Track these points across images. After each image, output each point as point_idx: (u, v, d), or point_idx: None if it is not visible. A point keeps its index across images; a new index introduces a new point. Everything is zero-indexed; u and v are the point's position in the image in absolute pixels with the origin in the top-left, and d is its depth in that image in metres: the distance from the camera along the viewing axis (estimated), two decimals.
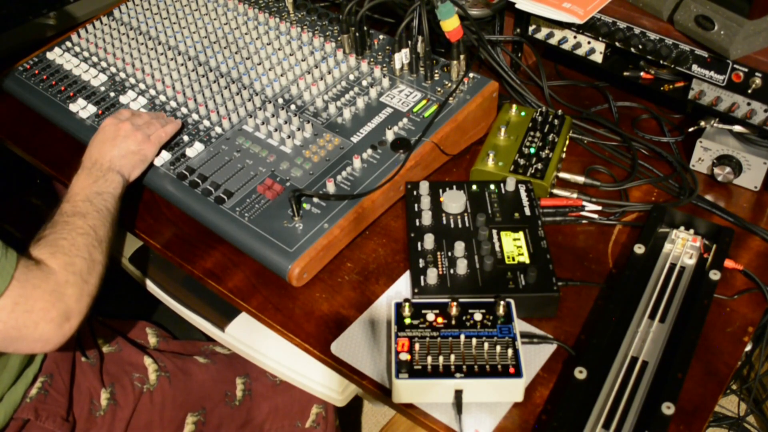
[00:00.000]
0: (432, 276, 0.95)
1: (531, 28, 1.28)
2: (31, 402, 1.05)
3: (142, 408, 1.14)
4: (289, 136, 1.13)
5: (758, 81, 1.05)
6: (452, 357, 0.85)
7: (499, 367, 0.84)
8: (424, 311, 0.90)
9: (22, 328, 0.88)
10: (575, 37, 1.24)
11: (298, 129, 1.14)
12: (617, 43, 1.18)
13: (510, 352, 0.86)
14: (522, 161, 1.13)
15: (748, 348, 0.94)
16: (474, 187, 1.09)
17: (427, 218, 1.03)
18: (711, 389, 0.89)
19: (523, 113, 1.21)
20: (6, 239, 0.90)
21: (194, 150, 1.14)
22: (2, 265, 0.87)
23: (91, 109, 1.24)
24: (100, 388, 1.12)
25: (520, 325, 0.94)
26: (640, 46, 1.15)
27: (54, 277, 0.91)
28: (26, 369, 1.06)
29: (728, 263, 1.00)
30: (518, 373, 0.84)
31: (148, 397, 1.14)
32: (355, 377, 0.91)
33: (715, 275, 0.96)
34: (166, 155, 1.14)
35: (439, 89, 1.20)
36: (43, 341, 0.90)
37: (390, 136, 1.12)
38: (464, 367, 0.84)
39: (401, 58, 1.21)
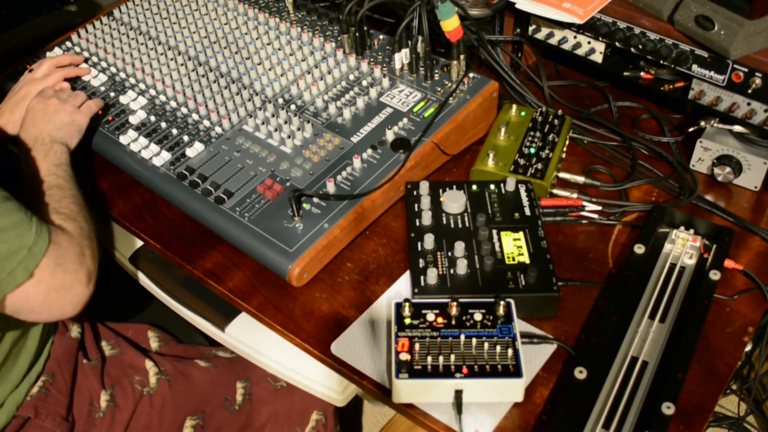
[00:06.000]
0: (432, 276, 0.95)
1: (531, 28, 1.28)
2: (32, 400, 1.05)
3: (142, 411, 1.14)
4: (289, 136, 1.13)
5: (758, 81, 1.05)
6: (452, 357, 0.85)
7: (499, 367, 0.84)
8: (424, 311, 0.90)
9: (61, 288, 0.92)
10: (575, 37, 1.24)
11: (298, 129, 1.14)
12: (617, 43, 1.18)
13: (510, 352, 0.86)
14: (522, 161, 1.13)
15: (748, 348, 0.94)
16: (474, 187, 1.09)
17: (427, 218, 1.03)
18: (711, 389, 0.89)
19: (523, 113, 1.21)
20: None
21: (194, 150, 1.14)
22: (39, 228, 0.90)
23: None
24: (100, 389, 1.12)
25: (520, 325, 0.94)
26: (640, 46, 1.15)
27: (76, 241, 0.95)
28: (31, 369, 1.06)
29: (728, 263, 1.00)
30: (518, 373, 0.84)
31: (147, 400, 1.14)
32: (355, 377, 0.91)
33: (715, 275, 0.96)
34: (166, 155, 1.14)
35: (439, 89, 1.20)
36: (74, 303, 0.94)
37: (390, 136, 1.12)
38: (464, 367, 0.84)
39: (401, 58, 1.21)
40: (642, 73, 1.22)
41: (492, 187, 1.09)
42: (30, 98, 1.17)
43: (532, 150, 1.14)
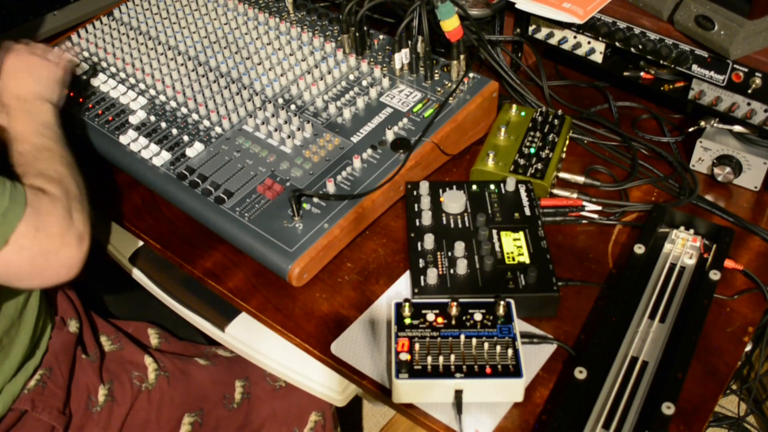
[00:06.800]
0: (432, 276, 0.95)
1: (531, 28, 1.28)
2: (29, 393, 1.05)
3: (139, 406, 1.14)
4: (289, 136, 1.13)
5: (758, 81, 1.05)
6: (452, 357, 0.85)
7: (499, 367, 0.84)
8: (424, 311, 0.90)
9: (47, 254, 0.89)
10: (575, 37, 1.24)
11: (298, 129, 1.14)
12: (617, 43, 1.18)
13: (510, 352, 0.86)
14: (522, 161, 1.13)
15: (748, 348, 0.94)
16: (474, 187, 1.09)
17: (427, 218, 1.03)
18: (711, 389, 0.89)
19: (523, 113, 1.21)
20: None
21: (194, 150, 1.14)
22: (14, 193, 0.87)
23: None
24: (99, 384, 1.12)
25: (520, 325, 0.94)
26: (640, 46, 1.15)
27: (60, 203, 0.92)
28: (27, 361, 1.06)
29: (728, 263, 1.00)
30: (518, 373, 0.84)
31: (146, 395, 1.14)
32: (355, 377, 0.91)
33: (715, 275, 0.96)
34: (166, 155, 1.14)
35: (439, 89, 1.20)
36: (67, 266, 0.92)
37: (390, 136, 1.12)
38: (464, 367, 0.84)
39: (401, 58, 1.21)
40: (642, 73, 1.22)
41: (492, 187, 1.09)
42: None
43: (532, 150, 1.14)
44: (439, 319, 0.89)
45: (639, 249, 0.99)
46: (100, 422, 1.11)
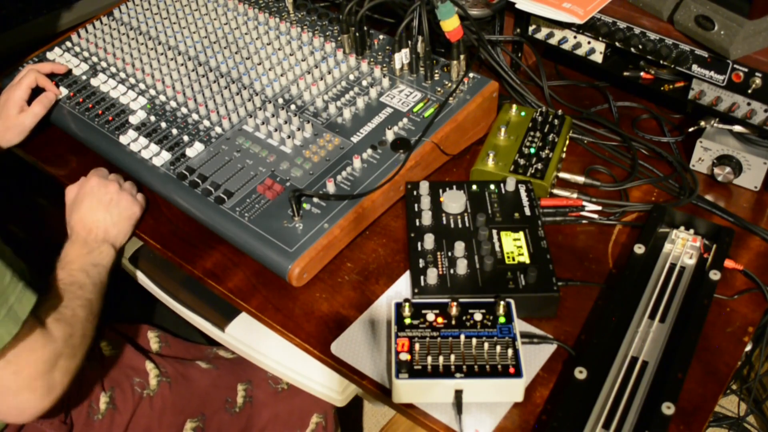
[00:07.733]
0: (432, 276, 0.95)
1: (531, 28, 1.28)
2: None
3: (141, 413, 1.13)
4: (289, 136, 1.13)
5: (758, 81, 1.05)
6: (452, 357, 0.85)
7: (499, 367, 0.84)
8: (424, 311, 0.90)
9: (5, 388, 0.85)
10: (575, 37, 1.24)
11: (298, 129, 1.14)
12: (617, 43, 1.18)
13: (510, 352, 0.86)
14: (522, 161, 1.13)
15: (748, 348, 0.94)
16: (474, 187, 1.09)
17: (427, 218, 1.03)
18: (711, 389, 0.89)
19: (523, 113, 1.21)
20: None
21: (194, 150, 1.14)
22: (13, 313, 0.82)
23: None
24: (100, 392, 1.12)
25: (520, 325, 0.94)
26: (640, 46, 1.15)
27: (53, 346, 0.89)
28: None
29: (728, 263, 1.00)
30: (518, 373, 0.84)
31: (147, 402, 1.14)
32: (355, 377, 0.91)
33: (715, 275, 0.96)
34: (166, 155, 1.14)
35: (439, 89, 1.20)
36: (20, 410, 0.87)
37: (390, 136, 1.12)
38: (464, 367, 0.84)
39: (401, 58, 1.21)
40: (642, 73, 1.22)
41: (492, 187, 1.09)
42: (10, 105, 1.18)
43: (532, 150, 1.14)
44: (439, 319, 0.89)
45: (639, 249, 0.99)
46: (101, 430, 1.10)
